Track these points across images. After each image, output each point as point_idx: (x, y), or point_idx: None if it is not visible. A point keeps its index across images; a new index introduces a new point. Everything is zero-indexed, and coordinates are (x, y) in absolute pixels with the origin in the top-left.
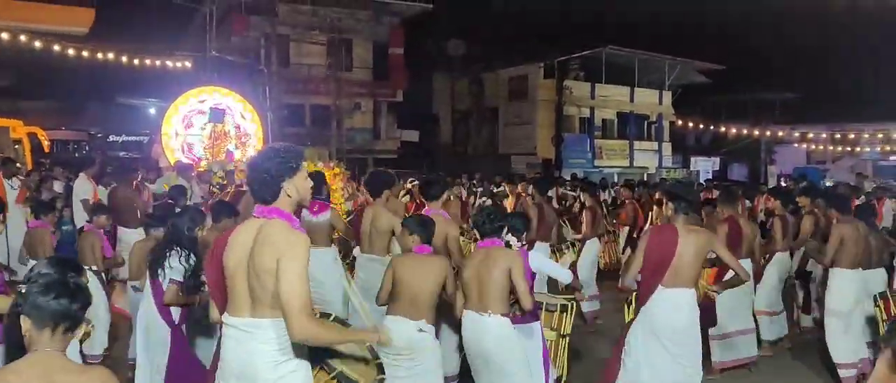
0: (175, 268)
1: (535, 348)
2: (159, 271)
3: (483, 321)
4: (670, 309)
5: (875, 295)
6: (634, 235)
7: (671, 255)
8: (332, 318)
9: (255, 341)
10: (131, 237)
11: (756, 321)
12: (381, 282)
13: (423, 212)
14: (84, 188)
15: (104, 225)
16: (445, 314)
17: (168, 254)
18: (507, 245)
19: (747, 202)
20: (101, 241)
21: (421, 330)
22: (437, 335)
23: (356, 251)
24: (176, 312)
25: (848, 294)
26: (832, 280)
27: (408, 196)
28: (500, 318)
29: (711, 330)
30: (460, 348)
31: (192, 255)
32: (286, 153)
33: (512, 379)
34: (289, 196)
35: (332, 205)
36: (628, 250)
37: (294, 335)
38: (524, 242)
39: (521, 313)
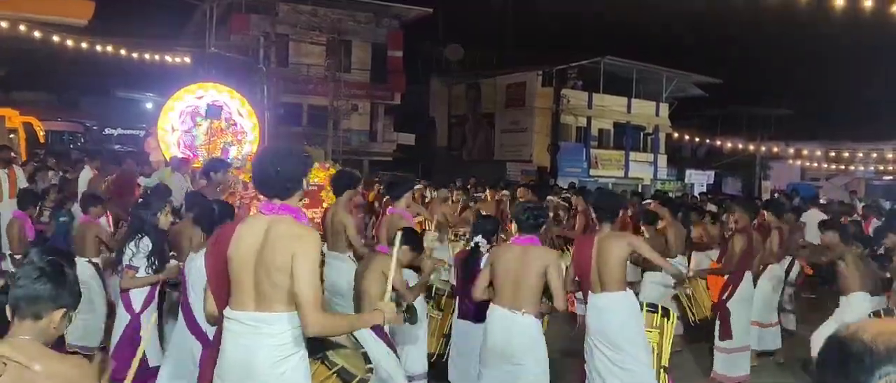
0: (131, 254)
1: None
2: (121, 258)
3: (515, 319)
4: (598, 314)
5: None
6: None
7: (589, 262)
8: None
9: (259, 335)
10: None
11: None
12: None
13: (387, 212)
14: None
15: (100, 215)
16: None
17: (130, 242)
18: (477, 247)
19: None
20: (101, 232)
21: None
22: (403, 334)
23: (324, 248)
24: (137, 300)
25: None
26: (849, 304)
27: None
28: (532, 318)
29: (723, 343)
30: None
31: (144, 238)
32: (304, 154)
33: (530, 379)
34: (301, 191)
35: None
36: None
37: (309, 329)
38: (492, 245)
39: (548, 312)
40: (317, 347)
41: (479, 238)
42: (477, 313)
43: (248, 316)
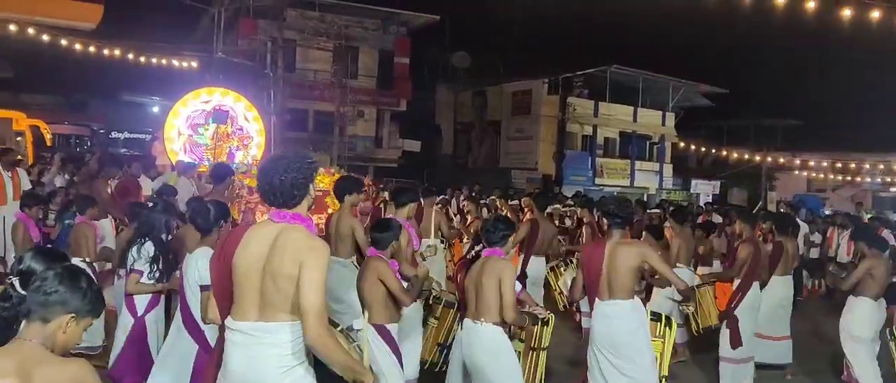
0: (133, 258)
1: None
2: (125, 262)
3: (476, 329)
4: (606, 321)
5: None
6: None
7: (599, 269)
8: (338, 329)
9: (263, 345)
10: (104, 228)
11: None
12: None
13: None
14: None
15: (96, 217)
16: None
17: (135, 245)
18: (478, 254)
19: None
20: (95, 233)
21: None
22: (398, 338)
23: None
24: (141, 303)
25: (873, 322)
26: (856, 309)
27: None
28: (493, 327)
29: (730, 353)
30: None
31: (146, 243)
32: (309, 158)
33: None
34: (309, 198)
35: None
36: None
37: (308, 338)
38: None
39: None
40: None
41: (480, 247)
42: None
43: (250, 327)
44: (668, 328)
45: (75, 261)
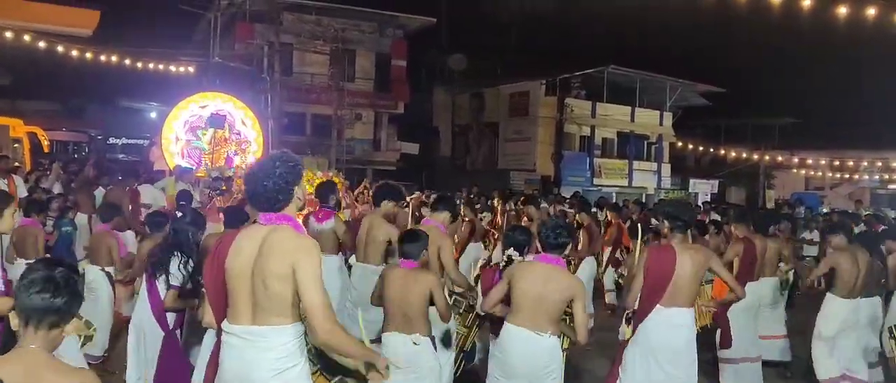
0: (174, 273)
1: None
2: (158, 274)
3: (538, 340)
4: (668, 329)
5: (891, 327)
6: (617, 255)
7: (669, 275)
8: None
9: (256, 349)
10: (127, 239)
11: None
12: (375, 287)
13: (421, 224)
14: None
15: (120, 226)
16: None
17: (169, 258)
18: (510, 259)
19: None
20: (118, 242)
21: (415, 343)
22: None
23: (352, 260)
24: (171, 317)
25: (837, 321)
26: (825, 305)
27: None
28: (556, 339)
29: (724, 353)
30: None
31: (190, 261)
32: (292, 159)
33: None
34: (297, 201)
35: (336, 214)
36: (609, 269)
37: (318, 336)
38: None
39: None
40: (334, 369)
41: (511, 250)
42: None
43: (245, 331)
44: None
45: (92, 268)
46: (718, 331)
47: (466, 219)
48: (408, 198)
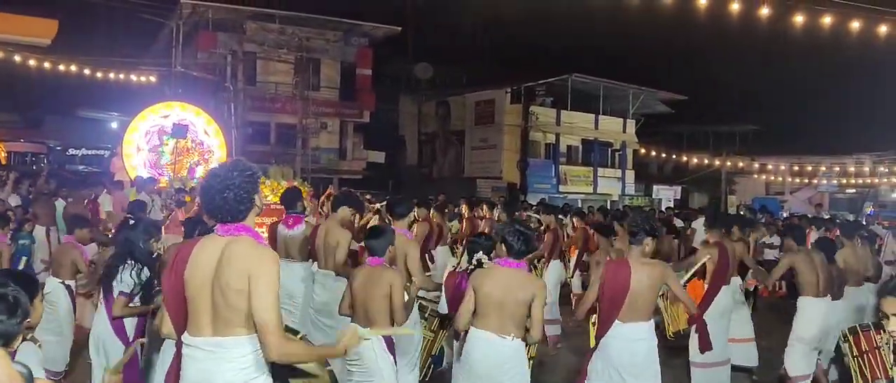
0: (125, 280)
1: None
2: (111, 285)
3: (502, 343)
4: (628, 344)
5: (845, 331)
6: (584, 258)
7: (624, 290)
8: (299, 336)
9: (217, 360)
10: (91, 251)
11: None
12: (343, 295)
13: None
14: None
15: (85, 238)
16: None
17: (120, 267)
18: (480, 263)
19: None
20: (82, 255)
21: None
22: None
23: (314, 266)
24: (130, 328)
25: (815, 322)
26: (800, 309)
27: (376, 216)
28: (520, 342)
29: (696, 357)
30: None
31: (144, 269)
32: (249, 168)
33: None
34: (256, 208)
35: (305, 219)
36: (577, 273)
37: (270, 354)
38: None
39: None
40: (280, 372)
41: (480, 254)
42: None
43: (205, 342)
44: None
45: (53, 280)
46: (695, 337)
47: (435, 221)
48: (376, 205)
